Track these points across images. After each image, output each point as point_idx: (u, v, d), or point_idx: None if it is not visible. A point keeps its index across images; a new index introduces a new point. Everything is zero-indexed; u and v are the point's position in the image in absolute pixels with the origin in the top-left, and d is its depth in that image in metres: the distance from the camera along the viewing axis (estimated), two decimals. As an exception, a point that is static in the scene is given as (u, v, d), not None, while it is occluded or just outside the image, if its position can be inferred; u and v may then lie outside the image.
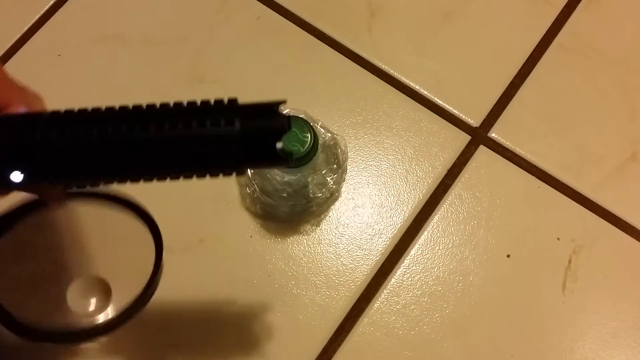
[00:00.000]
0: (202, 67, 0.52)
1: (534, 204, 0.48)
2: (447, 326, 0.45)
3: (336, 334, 0.45)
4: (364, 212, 0.48)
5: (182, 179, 0.27)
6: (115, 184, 0.27)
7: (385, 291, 0.46)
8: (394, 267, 0.46)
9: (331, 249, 0.47)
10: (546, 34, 0.53)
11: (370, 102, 0.51)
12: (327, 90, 0.52)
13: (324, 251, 0.47)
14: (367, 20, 0.54)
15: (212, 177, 0.27)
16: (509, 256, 0.47)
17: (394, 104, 0.51)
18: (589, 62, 0.52)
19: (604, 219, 0.47)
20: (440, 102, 0.51)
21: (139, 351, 0.45)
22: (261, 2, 0.54)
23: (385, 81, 0.52)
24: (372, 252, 0.47)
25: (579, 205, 0.48)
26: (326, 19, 0.54)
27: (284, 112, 0.26)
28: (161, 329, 0.45)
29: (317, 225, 0.47)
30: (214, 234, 0.47)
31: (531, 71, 0.52)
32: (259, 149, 0.26)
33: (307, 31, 0.53)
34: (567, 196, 0.48)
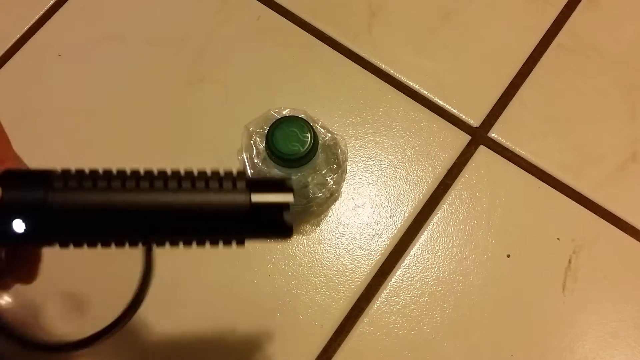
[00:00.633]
0: (202, 67, 0.52)
1: (534, 204, 0.48)
2: (447, 326, 0.45)
3: (336, 334, 0.45)
4: (364, 212, 0.48)
5: (182, 245, 0.27)
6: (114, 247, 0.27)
7: (385, 291, 0.46)
8: (394, 267, 0.46)
9: (331, 249, 0.47)
10: (546, 34, 0.53)
11: (370, 102, 0.51)
12: (327, 90, 0.52)
13: (324, 251, 0.47)
14: (367, 20, 0.54)
15: (212, 245, 0.27)
16: (509, 256, 0.47)
17: (394, 104, 0.51)
18: (589, 62, 0.52)
19: (604, 219, 0.47)
20: (440, 102, 0.51)
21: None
22: (261, 2, 0.54)
23: (385, 81, 0.52)
24: (372, 252, 0.47)
25: (579, 205, 0.48)
26: (326, 19, 0.54)
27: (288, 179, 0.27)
28: (158, 326, 0.45)
29: (317, 225, 0.47)
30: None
31: (531, 71, 0.52)
32: (265, 222, 0.26)
33: (307, 31, 0.53)
34: (567, 196, 0.48)
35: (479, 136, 0.50)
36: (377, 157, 0.49)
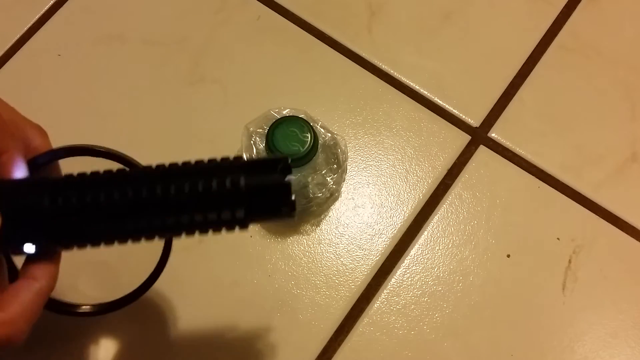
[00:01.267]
0: (202, 67, 0.52)
1: (534, 204, 0.48)
2: (447, 326, 0.45)
3: (336, 334, 0.45)
4: (364, 212, 0.48)
5: (185, 234, 0.27)
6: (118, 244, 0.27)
7: (385, 291, 0.46)
8: (394, 267, 0.46)
9: (331, 249, 0.47)
10: (546, 34, 0.53)
11: (370, 102, 0.51)
12: (327, 90, 0.52)
13: (324, 251, 0.47)
14: (367, 20, 0.54)
15: (215, 232, 0.27)
16: (509, 256, 0.47)
17: (394, 104, 0.51)
18: (589, 62, 0.52)
19: (604, 219, 0.47)
20: (440, 102, 0.51)
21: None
22: (261, 2, 0.54)
23: (385, 81, 0.52)
24: (372, 252, 0.47)
25: (579, 205, 0.48)
26: (326, 19, 0.54)
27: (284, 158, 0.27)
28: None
29: (317, 225, 0.47)
30: (214, 234, 0.47)
31: (531, 71, 0.52)
32: (265, 205, 0.26)
33: (307, 31, 0.53)
34: (567, 196, 0.48)
35: (479, 136, 0.50)
36: (377, 157, 0.49)
